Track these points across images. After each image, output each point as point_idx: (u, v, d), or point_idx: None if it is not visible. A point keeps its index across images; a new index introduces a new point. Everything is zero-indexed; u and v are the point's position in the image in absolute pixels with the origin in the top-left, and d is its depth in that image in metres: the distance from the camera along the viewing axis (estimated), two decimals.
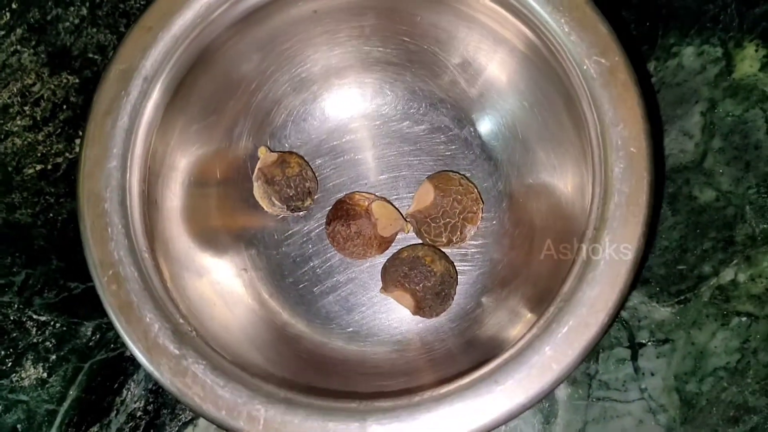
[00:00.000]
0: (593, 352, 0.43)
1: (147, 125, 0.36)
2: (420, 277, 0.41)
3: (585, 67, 0.33)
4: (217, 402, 0.32)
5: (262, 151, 0.43)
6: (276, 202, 0.43)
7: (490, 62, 0.41)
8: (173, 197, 0.39)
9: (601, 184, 0.33)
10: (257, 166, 0.43)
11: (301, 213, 0.45)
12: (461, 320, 0.42)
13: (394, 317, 0.43)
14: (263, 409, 0.32)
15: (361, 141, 0.46)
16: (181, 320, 0.34)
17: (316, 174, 0.45)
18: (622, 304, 0.32)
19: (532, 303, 0.38)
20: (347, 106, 0.46)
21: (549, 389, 0.31)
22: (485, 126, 0.44)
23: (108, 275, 0.33)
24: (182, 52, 0.36)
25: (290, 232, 0.45)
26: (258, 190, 0.44)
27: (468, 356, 0.39)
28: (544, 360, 0.31)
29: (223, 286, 0.41)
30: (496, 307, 0.41)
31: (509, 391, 0.31)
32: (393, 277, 0.41)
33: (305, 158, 0.45)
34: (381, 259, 0.44)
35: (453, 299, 0.42)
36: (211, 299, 0.39)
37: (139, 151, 0.36)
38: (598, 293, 0.31)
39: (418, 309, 0.41)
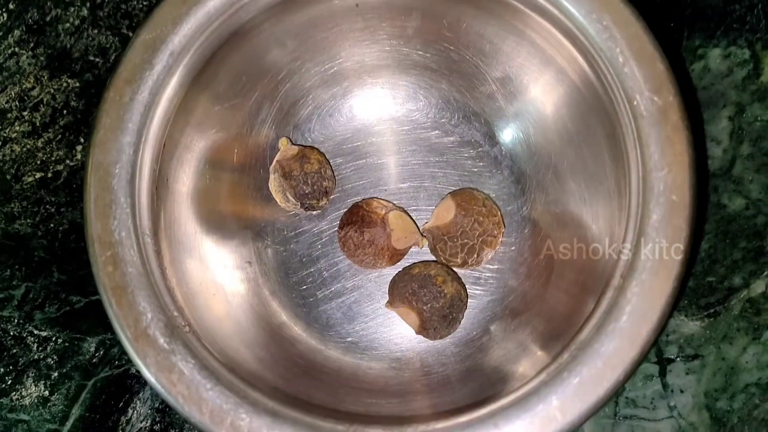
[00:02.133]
0: None
1: (167, 102, 0.34)
2: (429, 296, 0.39)
3: (635, 103, 0.31)
4: (201, 405, 0.30)
5: (283, 143, 0.42)
6: (290, 197, 0.41)
7: (533, 82, 0.40)
8: (185, 178, 0.38)
9: (635, 231, 0.31)
10: (276, 158, 0.42)
11: (315, 212, 0.43)
12: (465, 346, 0.41)
13: (396, 333, 0.42)
14: (248, 419, 0.30)
15: (386, 145, 0.44)
16: (175, 313, 0.32)
17: (335, 173, 0.44)
18: (640, 362, 0.30)
19: (543, 339, 0.37)
20: (377, 106, 0.44)
21: None
22: (517, 147, 0.43)
23: (105, 255, 0.32)
24: (214, 30, 0.35)
25: (301, 229, 0.44)
26: (273, 183, 0.42)
27: (467, 386, 0.38)
28: (549, 410, 0.29)
29: (224, 275, 0.40)
30: (503, 337, 0.40)
31: None
32: (401, 292, 0.40)
33: (326, 156, 0.43)
34: (391, 271, 0.42)
35: (460, 324, 0.41)
36: (210, 288, 0.38)
37: (155, 129, 0.34)
38: (617, 347, 0.29)
39: (423, 329, 0.40)
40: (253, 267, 0.42)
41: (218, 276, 0.40)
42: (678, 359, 0.41)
